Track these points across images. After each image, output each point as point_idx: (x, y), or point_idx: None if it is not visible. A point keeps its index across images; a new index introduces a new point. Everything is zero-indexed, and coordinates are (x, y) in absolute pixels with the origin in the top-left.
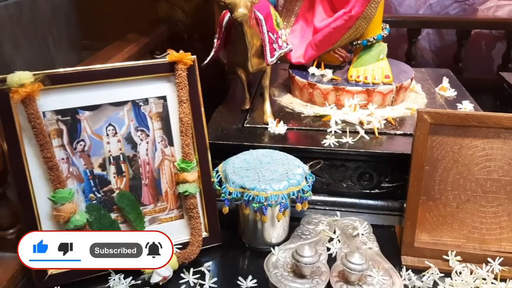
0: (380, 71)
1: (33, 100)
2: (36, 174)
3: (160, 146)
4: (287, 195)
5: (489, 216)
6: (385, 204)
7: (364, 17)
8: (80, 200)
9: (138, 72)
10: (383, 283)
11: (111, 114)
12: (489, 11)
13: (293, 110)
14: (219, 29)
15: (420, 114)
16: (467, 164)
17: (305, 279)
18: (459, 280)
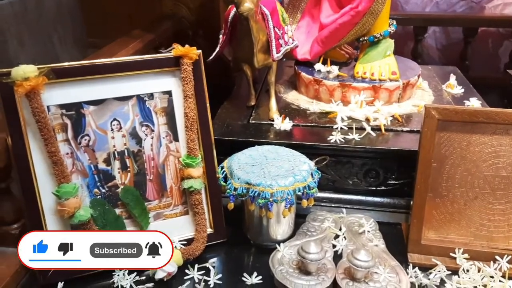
0: (386, 67)
1: (37, 94)
2: (40, 168)
3: (165, 141)
4: (293, 191)
5: (497, 213)
6: (391, 202)
7: (371, 12)
8: (84, 195)
9: (143, 67)
10: (389, 280)
11: (115, 109)
12: (496, 9)
13: (298, 107)
14: (225, 24)
15: (428, 110)
16: (475, 160)
17: (310, 276)
18: (466, 278)
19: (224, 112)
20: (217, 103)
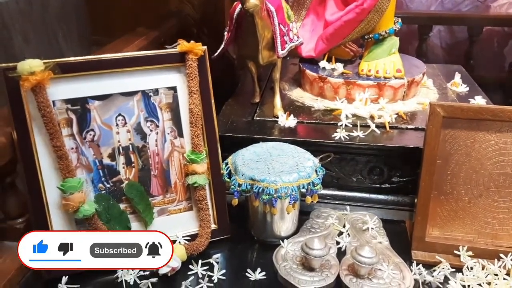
0: (391, 65)
1: (43, 89)
2: (45, 163)
3: (169, 137)
4: (297, 187)
5: (501, 211)
6: (395, 199)
7: (376, 10)
8: (89, 190)
9: (149, 62)
10: (393, 277)
11: (121, 104)
12: (501, 8)
13: (303, 104)
14: (230, 21)
15: (433, 107)
16: (480, 158)
17: (314, 272)
18: (470, 276)
19: (228, 109)
20: (221, 100)
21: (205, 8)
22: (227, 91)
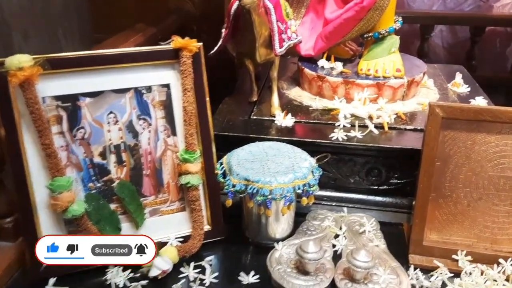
0: (391, 64)
1: (32, 85)
2: (34, 161)
3: (162, 135)
4: (292, 188)
5: (501, 215)
6: (393, 201)
7: (376, 8)
8: (79, 189)
9: (141, 58)
10: (389, 282)
11: (112, 102)
12: (504, 8)
13: (301, 103)
14: (227, 17)
15: (432, 107)
16: (479, 160)
17: (309, 276)
18: (469, 281)
19: (225, 107)
20: (220, 99)
21: (205, 5)
22: (226, 88)
